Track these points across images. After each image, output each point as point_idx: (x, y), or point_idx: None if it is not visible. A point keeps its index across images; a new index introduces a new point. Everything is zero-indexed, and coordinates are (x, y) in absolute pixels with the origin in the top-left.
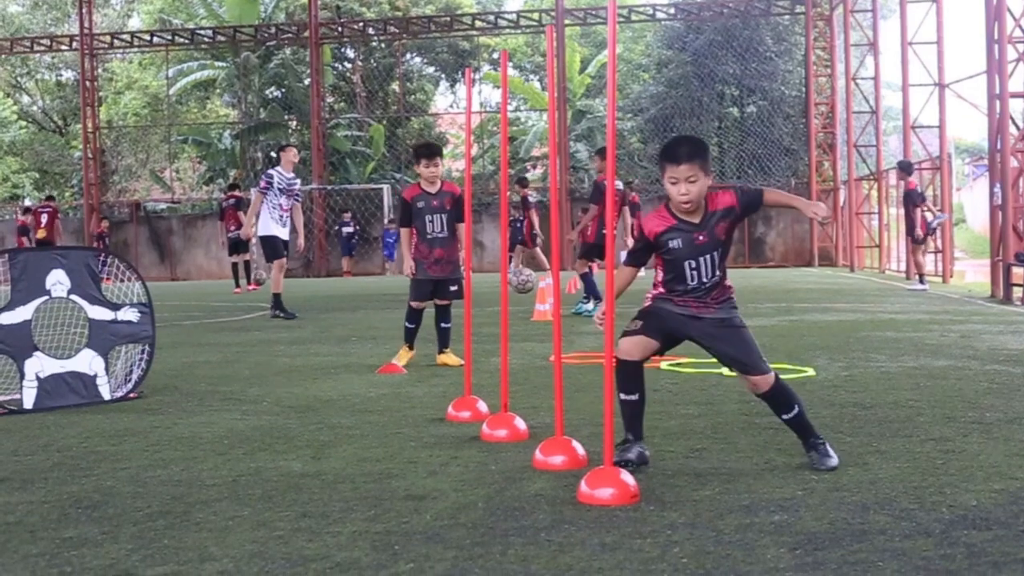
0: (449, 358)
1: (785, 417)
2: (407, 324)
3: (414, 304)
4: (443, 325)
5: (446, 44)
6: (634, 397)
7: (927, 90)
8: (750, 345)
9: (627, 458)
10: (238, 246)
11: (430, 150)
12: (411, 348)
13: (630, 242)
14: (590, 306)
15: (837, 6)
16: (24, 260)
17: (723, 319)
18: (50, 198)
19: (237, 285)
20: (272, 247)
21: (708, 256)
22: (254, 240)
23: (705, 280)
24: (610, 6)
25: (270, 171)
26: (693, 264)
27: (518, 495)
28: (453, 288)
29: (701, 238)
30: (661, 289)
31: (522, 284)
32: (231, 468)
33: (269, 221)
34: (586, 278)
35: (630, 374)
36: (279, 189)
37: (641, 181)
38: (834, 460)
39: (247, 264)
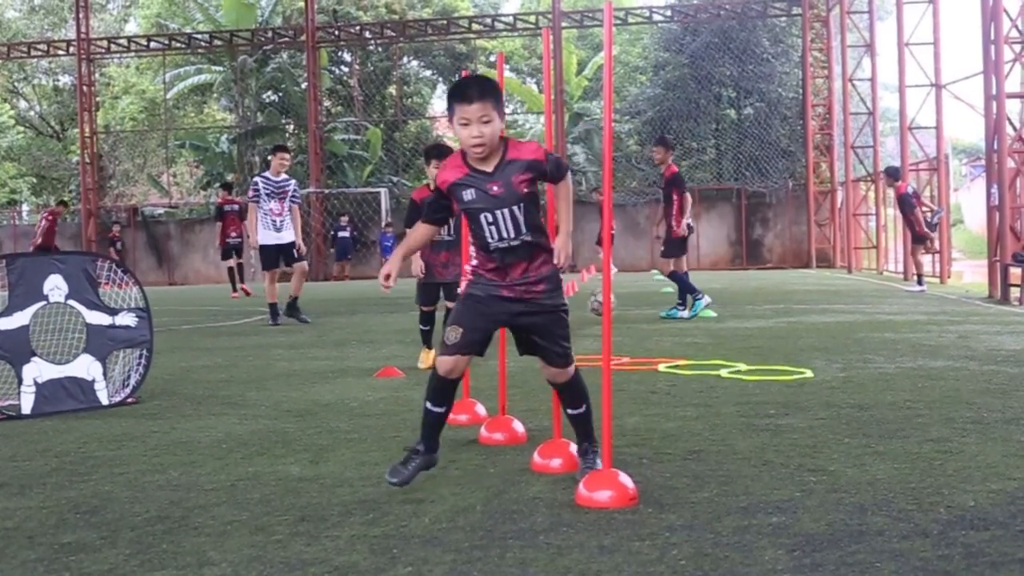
0: (428, 357)
1: (571, 412)
2: (421, 327)
3: (424, 308)
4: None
5: (443, 47)
6: (441, 410)
7: (924, 91)
8: (565, 335)
9: (398, 480)
10: (232, 251)
11: (441, 151)
12: (430, 348)
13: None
14: (685, 313)
15: (834, 7)
16: (22, 265)
17: (551, 306)
18: (62, 203)
19: (235, 289)
20: (264, 256)
21: (507, 210)
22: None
23: (506, 237)
24: (606, 8)
25: (255, 179)
26: (490, 218)
27: (516, 498)
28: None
29: (496, 188)
30: (473, 262)
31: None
32: (229, 473)
33: (261, 229)
34: (675, 277)
35: (446, 389)
36: (267, 195)
37: (639, 183)
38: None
39: (240, 268)
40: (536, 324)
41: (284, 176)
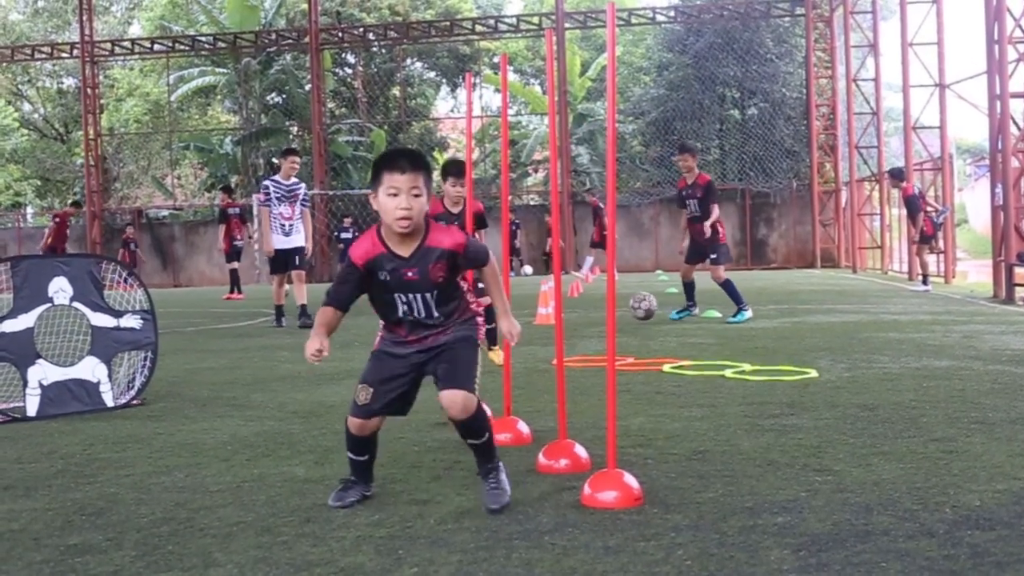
0: (496, 355)
1: (473, 443)
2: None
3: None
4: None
5: (446, 49)
6: (364, 458)
7: (928, 91)
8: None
9: (340, 504)
10: (238, 254)
11: (459, 169)
12: (495, 347)
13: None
14: (749, 312)
15: (837, 7)
16: (26, 268)
17: (451, 341)
18: (75, 204)
19: (233, 291)
20: (272, 260)
21: (420, 296)
22: (269, 254)
23: (419, 317)
24: (609, 9)
25: (266, 182)
26: (403, 299)
27: (522, 499)
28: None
29: (410, 274)
30: (381, 329)
31: (644, 310)
32: (235, 474)
33: (270, 233)
34: (727, 285)
35: (365, 442)
36: (277, 199)
37: (643, 184)
38: (505, 498)
39: (232, 272)
40: (442, 356)
41: (294, 179)
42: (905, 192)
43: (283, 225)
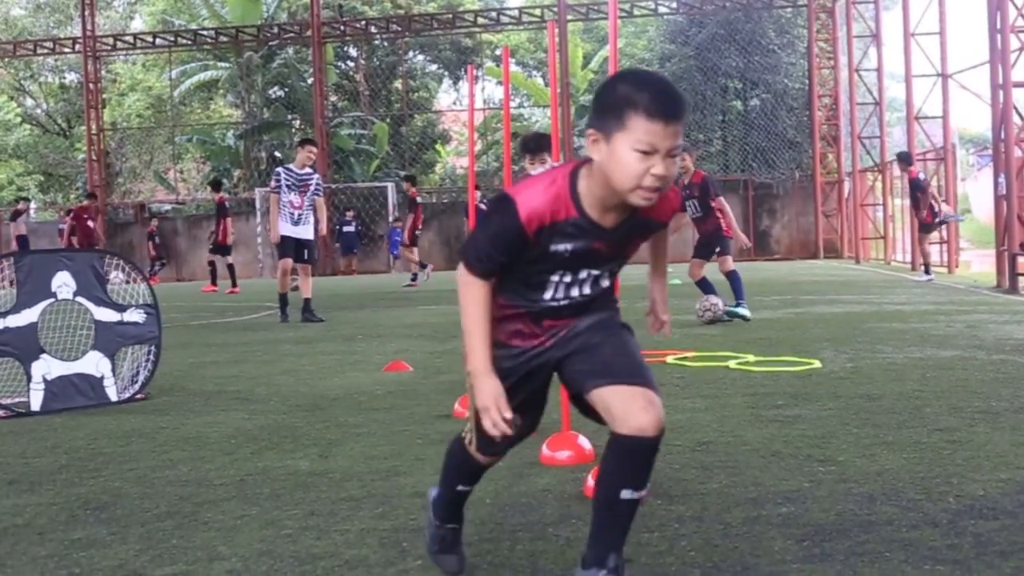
0: None
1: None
2: None
3: None
4: None
5: (448, 41)
6: (471, 488)
7: (930, 81)
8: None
9: (457, 569)
10: (230, 248)
11: (539, 144)
12: None
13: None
14: (748, 312)
15: None
16: (30, 263)
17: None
18: (91, 195)
19: (235, 284)
20: (280, 247)
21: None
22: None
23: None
24: (611, 1)
25: (278, 169)
26: (567, 278)
27: (525, 491)
28: None
29: (603, 248)
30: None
31: (708, 312)
32: (239, 467)
33: (279, 221)
34: (732, 276)
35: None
36: (287, 186)
37: None
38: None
39: (231, 267)
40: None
41: (308, 169)
42: (911, 175)
43: (292, 214)
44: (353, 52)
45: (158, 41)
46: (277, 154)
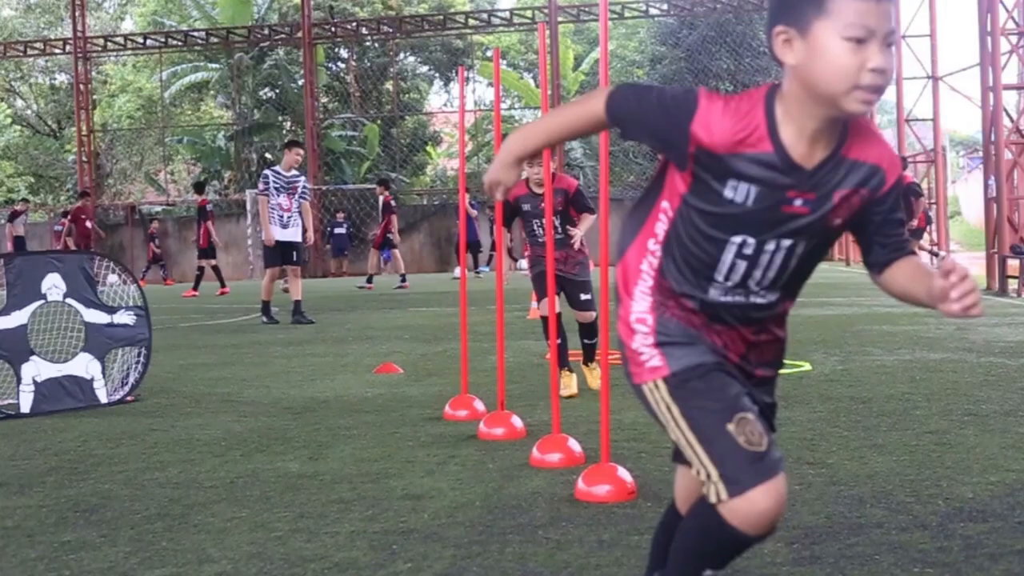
0: (593, 376)
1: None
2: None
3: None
4: (586, 341)
5: (439, 43)
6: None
7: (921, 83)
8: None
9: None
10: (209, 251)
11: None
12: (571, 370)
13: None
14: None
15: None
16: (19, 264)
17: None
18: (85, 194)
19: (223, 285)
20: (268, 252)
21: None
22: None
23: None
24: (602, 3)
25: (266, 171)
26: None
27: (515, 493)
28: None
29: (801, 203)
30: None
31: None
32: (229, 470)
33: (269, 224)
34: None
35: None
36: (275, 188)
37: (636, 178)
38: None
39: (216, 268)
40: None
41: (295, 172)
42: (905, 180)
43: (281, 216)
44: (344, 53)
45: (148, 42)
46: (268, 155)
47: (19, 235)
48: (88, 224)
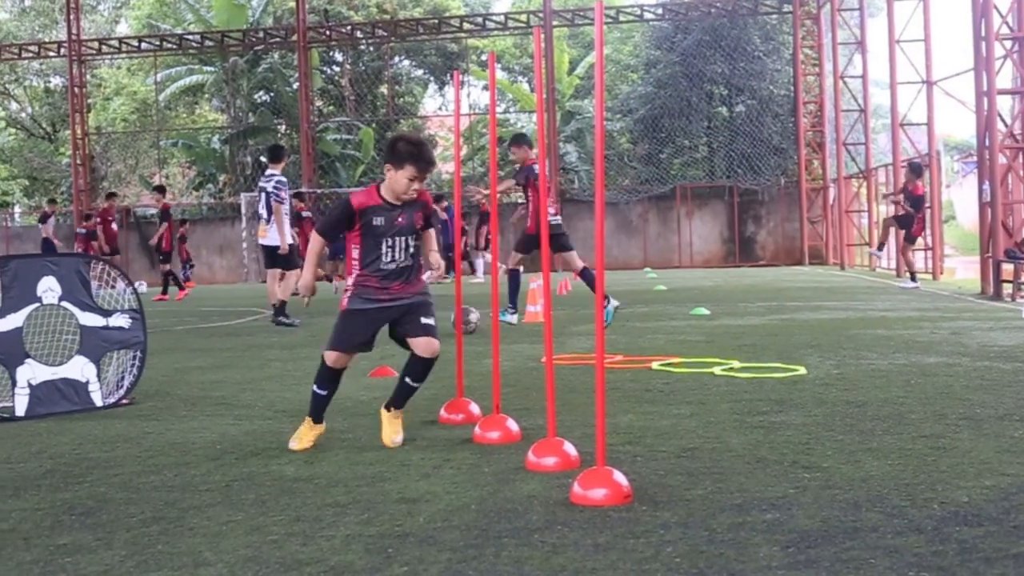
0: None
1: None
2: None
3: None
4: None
5: (434, 47)
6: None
7: (915, 88)
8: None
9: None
10: (168, 255)
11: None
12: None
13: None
14: (511, 319)
15: (824, 5)
16: (15, 267)
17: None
18: (112, 195)
19: (164, 292)
20: (293, 257)
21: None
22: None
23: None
24: (597, 7)
25: (283, 178)
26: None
27: (511, 497)
28: None
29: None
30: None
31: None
32: (224, 473)
33: (286, 229)
34: (514, 277)
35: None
36: (287, 195)
37: (632, 181)
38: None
39: (167, 274)
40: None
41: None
42: (916, 190)
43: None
44: (339, 57)
45: (144, 45)
46: (262, 159)
47: (47, 237)
48: (114, 226)
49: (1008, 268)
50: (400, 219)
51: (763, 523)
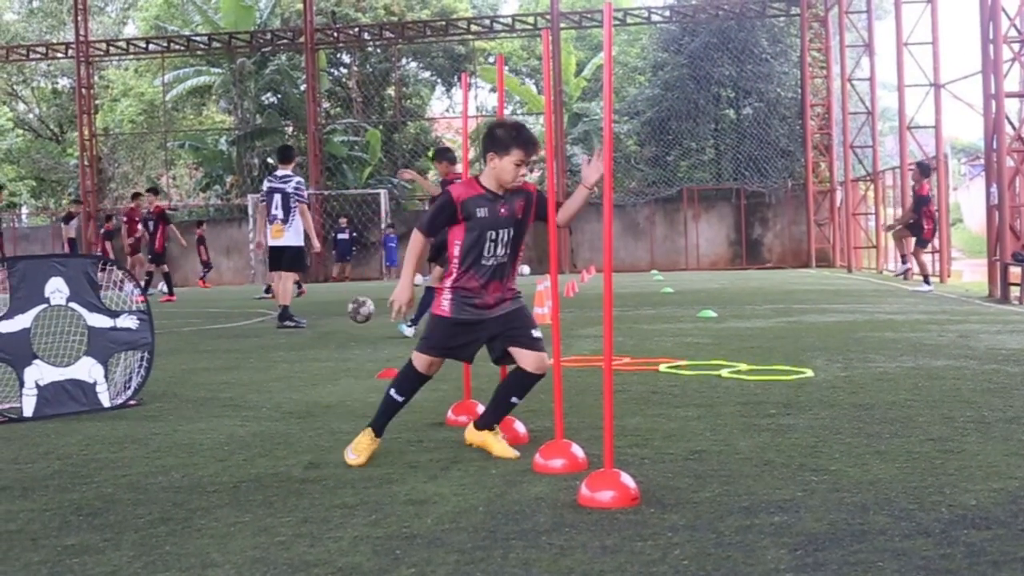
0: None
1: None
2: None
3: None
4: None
5: (441, 49)
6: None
7: (923, 90)
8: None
9: None
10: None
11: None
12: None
13: None
14: (407, 331)
15: (832, 7)
16: (23, 268)
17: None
18: (137, 195)
19: (144, 292)
20: (305, 258)
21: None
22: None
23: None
24: (606, 9)
25: (301, 179)
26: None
27: (518, 499)
28: None
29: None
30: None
31: (363, 315)
32: (232, 474)
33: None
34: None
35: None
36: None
37: (639, 184)
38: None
39: (150, 275)
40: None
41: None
42: (922, 189)
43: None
44: (346, 59)
45: (151, 46)
46: (269, 160)
47: (71, 237)
48: (139, 227)
49: (1016, 271)
50: (503, 209)
51: (771, 526)
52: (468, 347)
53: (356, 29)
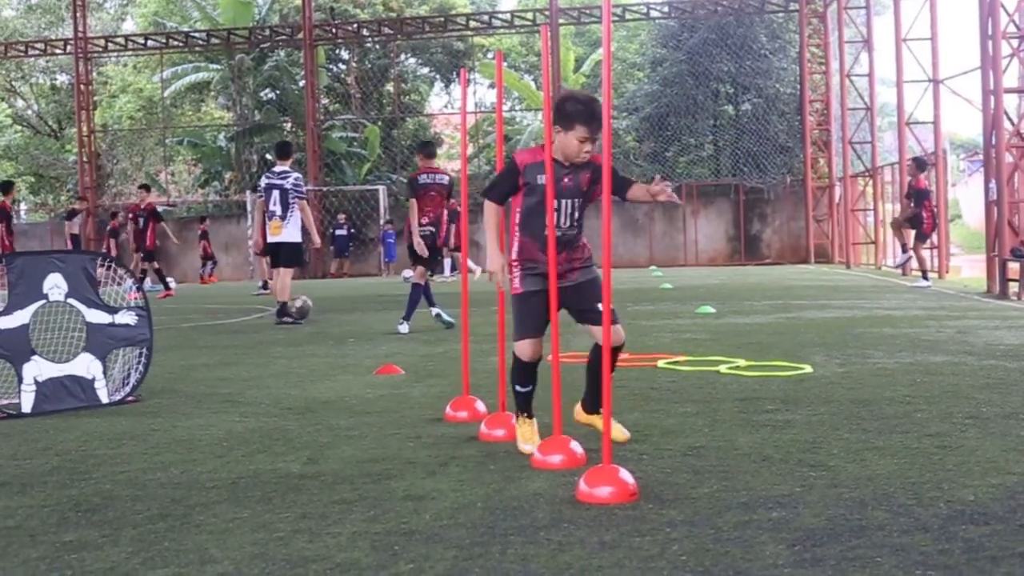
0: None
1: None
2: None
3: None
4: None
5: (440, 44)
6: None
7: (922, 86)
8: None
9: None
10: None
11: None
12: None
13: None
14: (404, 328)
15: (831, 3)
16: (21, 264)
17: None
18: (145, 187)
19: (139, 289)
20: (302, 253)
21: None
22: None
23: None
24: (604, 5)
25: (299, 175)
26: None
27: (517, 494)
28: None
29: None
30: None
31: (299, 310)
32: (230, 470)
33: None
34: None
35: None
36: None
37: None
38: None
39: (144, 272)
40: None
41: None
42: (918, 184)
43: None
44: (345, 55)
45: (149, 43)
46: (268, 156)
47: (74, 233)
48: (131, 222)
49: (1014, 267)
50: (567, 179)
51: (769, 521)
52: (547, 312)
53: (355, 25)
